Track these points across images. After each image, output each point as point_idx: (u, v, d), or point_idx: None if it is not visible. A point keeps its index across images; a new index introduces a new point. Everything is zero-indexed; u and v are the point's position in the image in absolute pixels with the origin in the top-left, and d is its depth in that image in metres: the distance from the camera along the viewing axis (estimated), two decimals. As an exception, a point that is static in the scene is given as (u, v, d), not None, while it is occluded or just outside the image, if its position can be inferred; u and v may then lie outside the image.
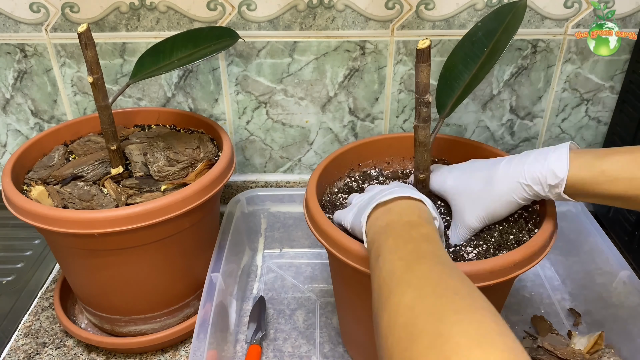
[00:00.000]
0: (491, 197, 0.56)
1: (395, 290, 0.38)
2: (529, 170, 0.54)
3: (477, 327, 0.32)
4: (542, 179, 0.53)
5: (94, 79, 0.65)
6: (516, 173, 0.55)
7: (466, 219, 0.58)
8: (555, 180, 0.52)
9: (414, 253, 0.42)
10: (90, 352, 0.73)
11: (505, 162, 0.57)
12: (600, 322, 0.73)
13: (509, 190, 0.55)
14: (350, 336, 0.70)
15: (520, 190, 0.55)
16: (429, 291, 0.37)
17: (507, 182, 0.55)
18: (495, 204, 0.56)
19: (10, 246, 0.89)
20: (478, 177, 0.58)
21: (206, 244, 0.73)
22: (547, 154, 0.53)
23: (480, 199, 0.57)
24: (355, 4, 0.78)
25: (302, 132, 0.90)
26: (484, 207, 0.57)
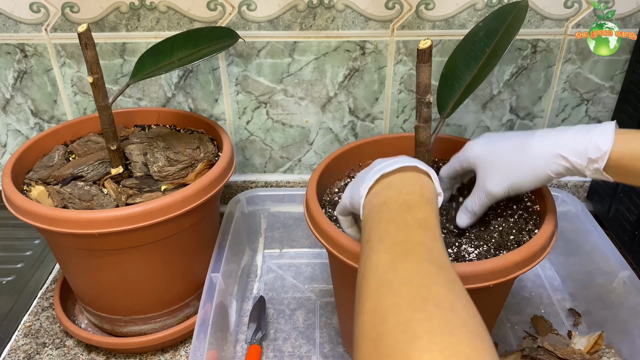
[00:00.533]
0: (521, 166, 0.53)
1: (374, 293, 0.36)
2: (569, 142, 0.51)
3: (448, 355, 0.29)
4: (582, 151, 0.50)
5: (94, 79, 0.65)
6: (554, 144, 0.52)
7: (488, 184, 0.55)
8: (598, 153, 0.49)
9: (403, 245, 0.39)
10: (90, 352, 0.73)
11: (541, 133, 0.54)
12: (600, 322, 0.73)
13: (542, 161, 0.52)
14: (350, 336, 0.70)
15: (556, 162, 0.52)
16: (407, 300, 0.34)
17: (542, 152, 0.52)
18: (524, 174, 0.53)
19: (10, 246, 0.89)
20: (509, 145, 0.55)
21: (206, 244, 0.73)
22: (590, 128, 0.51)
23: (509, 166, 0.54)
24: (355, 4, 0.78)
25: (302, 132, 0.90)
26: (510, 175, 0.54)
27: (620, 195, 0.83)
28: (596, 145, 0.50)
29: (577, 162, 0.51)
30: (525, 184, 0.54)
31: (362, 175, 0.51)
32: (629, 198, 0.80)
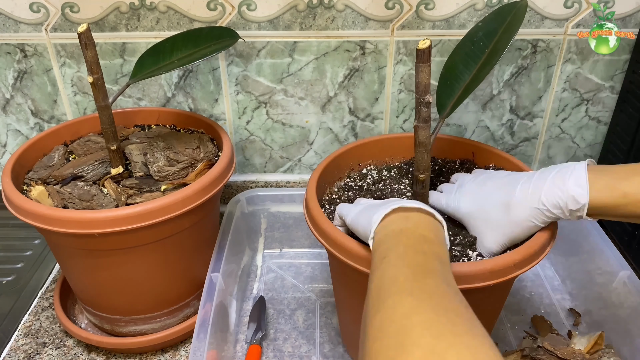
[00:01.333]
0: (510, 224, 0.55)
1: (394, 296, 0.37)
2: (547, 197, 0.52)
3: (473, 354, 0.31)
4: (562, 204, 0.52)
5: (94, 79, 0.65)
6: (534, 200, 0.53)
7: (486, 244, 0.57)
8: (577, 205, 0.51)
9: (422, 266, 0.40)
10: (90, 352, 0.73)
11: (521, 186, 0.55)
12: (600, 322, 0.73)
13: (529, 216, 0.54)
14: (350, 336, 0.70)
15: (540, 215, 0.53)
16: (430, 305, 0.35)
17: (526, 209, 0.54)
18: (515, 229, 0.55)
19: (10, 246, 0.89)
20: (494, 202, 0.57)
21: (206, 244, 0.73)
22: (564, 178, 0.52)
23: (500, 226, 0.56)
24: (355, 4, 0.78)
25: (302, 132, 0.90)
26: (504, 233, 0.56)
27: (620, 195, 0.82)
28: (574, 198, 0.51)
29: (559, 213, 0.53)
30: (521, 236, 0.56)
31: (365, 201, 0.54)
32: (629, 198, 0.80)
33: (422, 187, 0.62)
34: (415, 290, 0.37)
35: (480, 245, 0.58)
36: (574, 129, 0.89)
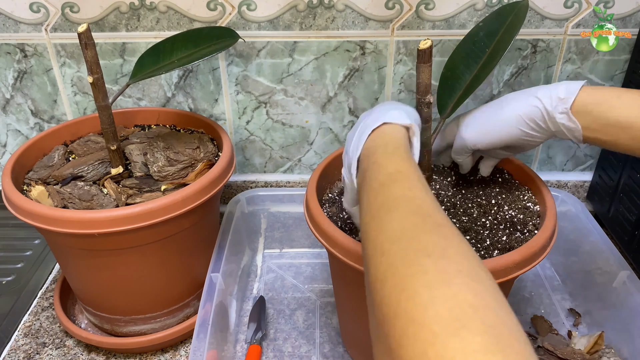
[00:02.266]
0: (497, 114, 0.57)
1: (371, 261, 0.36)
2: (541, 88, 0.56)
3: (451, 307, 0.29)
4: (554, 92, 0.54)
5: (94, 79, 0.65)
6: (528, 91, 0.57)
7: (463, 132, 0.59)
8: (566, 93, 0.53)
9: (385, 205, 0.39)
10: (90, 352, 0.73)
11: (516, 92, 0.58)
12: (600, 322, 0.73)
13: (516, 105, 0.56)
14: (350, 336, 0.70)
15: (529, 103, 0.55)
16: (399, 257, 0.34)
17: (517, 99, 0.56)
18: (498, 121, 0.57)
19: (10, 246, 0.89)
20: (489, 103, 0.60)
21: (206, 244, 0.73)
22: (559, 82, 0.56)
23: (485, 115, 0.58)
24: (355, 4, 0.78)
25: (302, 132, 0.90)
26: (485, 122, 0.58)
27: (620, 195, 0.83)
28: (566, 87, 0.54)
29: (547, 102, 0.54)
30: (500, 132, 0.57)
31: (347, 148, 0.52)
32: (629, 198, 0.80)
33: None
34: (384, 244, 0.36)
35: (458, 135, 0.60)
36: (574, 129, 0.89)
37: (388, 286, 0.32)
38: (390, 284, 0.32)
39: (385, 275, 0.33)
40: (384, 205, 0.39)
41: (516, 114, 0.56)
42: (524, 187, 0.67)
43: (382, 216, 0.38)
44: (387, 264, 0.34)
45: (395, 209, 0.38)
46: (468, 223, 0.60)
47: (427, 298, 0.30)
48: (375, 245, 0.37)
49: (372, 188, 0.42)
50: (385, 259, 0.34)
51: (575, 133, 0.54)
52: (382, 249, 0.35)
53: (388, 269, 0.33)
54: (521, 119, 0.56)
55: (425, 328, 0.28)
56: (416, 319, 0.29)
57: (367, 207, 0.41)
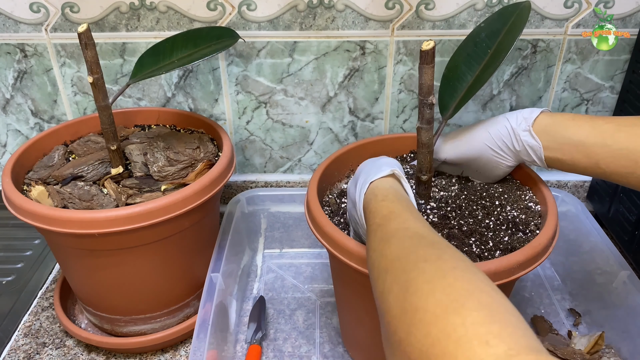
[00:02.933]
0: (468, 130, 0.64)
1: (377, 281, 0.41)
2: (511, 113, 0.62)
3: (449, 293, 0.33)
4: (519, 114, 0.60)
5: (94, 79, 0.65)
6: (500, 115, 0.63)
7: (438, 146, 0.65)
8: (529, 114, 0.59)
9: (384, 239, 0.44)
10: (90, 352, 0.73)
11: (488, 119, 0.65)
12: (600, 322, 0.73)
13: (487, 124, 0.62)
14: (350, 336, 0.70)
15: (497, 124, 0.61)
16: (400, 269, 0.38)
17: (488, 120, 0.63)
18: (468, 136, 0.63)
19: (10, 246, 0.89)
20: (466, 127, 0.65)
21: (206, 244, 0.73)
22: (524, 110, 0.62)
23: (458, 132, 0.65)
24: (355, 4, 0.78)
25: (302, 132, 0.90)
26: (455, 136, 0.64)
27: (620, 195, 0.83)
28: (530, 110, 0.61)
29: (513, 121, 0.60)
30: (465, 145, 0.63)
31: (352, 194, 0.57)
32: (629, 198, 0.80)
33: (425, 187, 0.62)
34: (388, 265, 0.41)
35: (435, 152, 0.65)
36: (574, 129, 0.89)
37: (394, 292, 0.37)
38: (395, 290, 0.37)
39: (391, 286, 0.38)
40: (383, 239, 0.44)
41: (485, 131, 0.62)
42: (524, 187, 0.67)
43: (383, 246, 0.43)
44: (391, 278, 0.38)
45: (393, 237, 0.43)
46: (473, 225, 0.60)
47: (428, 289, 0.34)
48: (379, 269, 0.41)
49: (372, 230, 0.47)
50: (389, 275, 0.39)
51: (537, 152, 0.59)
52: (385, 268, 0.40)
53: (393, 281, 0.38)
54: (489, 135, 0.61)
55: (428, 313, 0.32)
56: (420, 307, 0.33)
57: (369, 244, 0.46)
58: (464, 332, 0.29)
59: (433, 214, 0.62)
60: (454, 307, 0.31)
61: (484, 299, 0.32)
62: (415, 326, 0.32)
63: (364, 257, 0.52)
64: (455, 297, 0.32)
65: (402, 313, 0.34)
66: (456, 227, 0.60)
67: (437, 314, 0.31)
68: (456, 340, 0.29)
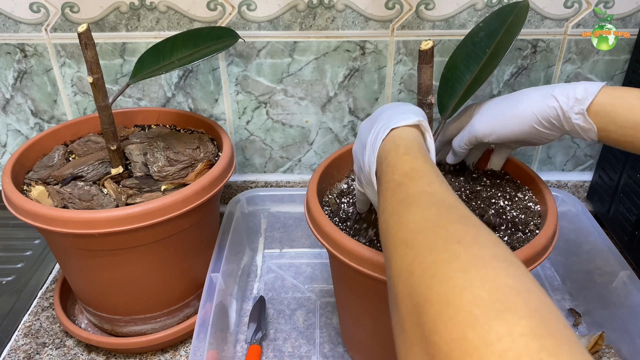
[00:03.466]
0: (511, 109, 0.57)
1: (394, 255, 0.34)
2: (558, 86, 0.55)
3: (491, 290, 0.27)
4: (571, 92, 0.53)
5: (94, 79, 0.65)
6: (545, 88, 0.56)
7: (475, 123, 0.58)
8: (584, 94, 0.53)
9: (403, 202, 0.38)
10: (90, 352, 0.73)
11: (534, 88, 0.58)
12: (600, 322, 0.73)
13: (531, 100, 0.55)
14: (350, 336, 0.70)
15: (544, 102, 0.54)
16: (426, 246, 0.32)
17: (533, 93, 0.56)
18: (512, 116, 0.56)
19: (10, 246, 0.89)
20: (505, 97, 0.59)
21: (206, 244, 0.73)
22: (578, 82, 0.55)
23: (499, 108, 0.58)
24: (355, 4, 0.78)
25: (302, 132, 0.90)
26: (499, 115, 0.57)
27: (620, 195, 0.83)
28: (584, 87, 0.53)
29: (564, 101, 0.54)
30: (512, 128, 0.57)
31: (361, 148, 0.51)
32: (629, 198, 0.80)
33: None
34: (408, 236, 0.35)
35: (468, 127, 0.60)
36: (574, 129, 0.89)
37: (416, 274, 0.31)
38: (418, 271, 0.31)
39: (412, 265, 0.32)
40: (403, 201, 0.38)
41: (531, 112, 0.56)
42: (524, 187, 0.67)
43: (402, 211, 0.37)
44: (412, 254, 0.32)
45: (415, 202, 0.37)
46: None
47: (463, 281, 0.28)
48: (396, 239, 0.35)
49: (389, 188, 0.41)
50: (410, 250, 0.33)
51: (590, 134, 0.54)
52: (405, 241, 0.34)
53: (415, 259, 0.32)
54: (536, 117, 0.56)
55: (462, 311, 0.26)
56: (451, 302, 0.27)
57: (384, 206, 0.40)
58: (510, 344, 0.24)
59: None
60: (498, 309, 0.26)
61: (532, 302, 0.26)
62: (443, 324, 0.26)
63: (364, 257, 0.52)
64: (499, 296, 0.26)
65: (426, 303, 0.28)
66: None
67: (475, 314, 0.26)
68: (500, 355, 0.24)
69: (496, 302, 0.26)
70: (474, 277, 0.28)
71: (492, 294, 0.27)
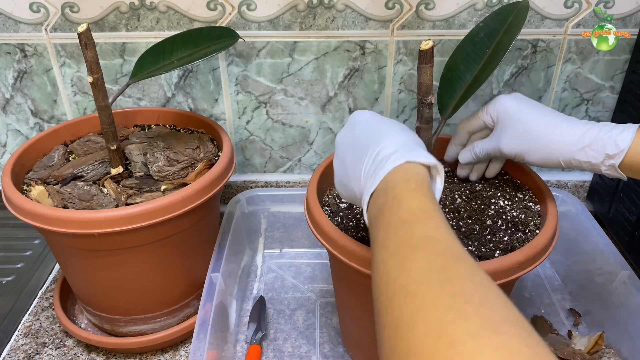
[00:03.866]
0: (539, 141, 0.56)
1: (391, 303, 0.32)
2: (591, 135, 0.54)
3: (504, 357, 0.25)
4: (601, 146, 0.53)
5: (94, 79, 0.65)
6: (577, 133, 0.54)
7: (503, 141, 0.58)
8: (615, 150, 0.52)
9: (407, 244, 0.35)
10: (90, 352, 0.73)
11: (569, 120, 0.56)
12: (600, 322, 0.73)
13: (561, 144, 0.55)
14: (350, 336, 0.70)
15: (572, 151, 0.54)
16: (431, 301, 0.30)
17: (564, 137, 0.55)
18: (538, 148, 0.56)
19: (10, 246, 0.89)
20: (537, 116, 0.57)
21: (206, 244, 0.73)
22: (614, 126, 0.54)
23: (529, 136, 0.57)
24: (355, 4, 0.78)
25: (302, 132, 0.90)
26: (526, 143, 0.57)
27: (620, 195, 0.83)
28: (615, 142, 0.52)
29: (593, 156, 0.54)
30: (534, 158, 0.57)
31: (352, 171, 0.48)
32: (629, 198, 0.80)
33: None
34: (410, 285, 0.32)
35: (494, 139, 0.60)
36: (574, 129, 0.89)
37: (419, 332, 0.28)
38: (421, 329, 0.28)
39: (413, 320, 0.29)
40: (407, 244, 0.35)
41: (562, 156, 0.56)
42: (524, 187, 0.67)
43: (406, 255, 0.34)
44: (414, 307, 0.30)
45: (421, 248, 0.34)
46: (472, 225, 0.60)
47: (473, 346, 0.26)
48: (396, 286, 0.33)
49: (392, 224, 0.38)
50: (412, 301, 0.31)
51: (622, 179, 0.55)
52: (407, 290, 0.32)
53: (417, 313, 0.30)
54: (557, 160, 0.56)
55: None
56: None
57: (384, 243, 0.37)
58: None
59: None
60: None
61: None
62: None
63: (364, 257, 0.52)
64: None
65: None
66: (455, 227, 0.60)
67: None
68: None
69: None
70: (485, 342, 0.26)
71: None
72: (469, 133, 0.65)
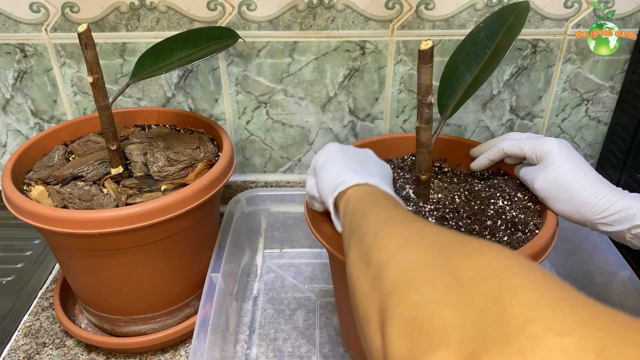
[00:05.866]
0: (574, 203, 0.56)
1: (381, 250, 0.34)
2: (620, 205, 0.54)
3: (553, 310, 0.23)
4: (631, 216, 0.53)
5: (94, 79, 0.65)
6: (611, 202, 0.54)
7: (540, 177, 0.59)
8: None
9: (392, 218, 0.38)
10: (90, 352, 0.73)
11: (608, 188, 0.56)
12: (600, 322, 0.72)
13: (593, 213, 0.55)
14: (350, 336, 0.70)
15: (603, 219, 0.55)
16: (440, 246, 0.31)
17: (597, 205, 0.55)
18: (569, 204, 0.57)
19: (10, 246, 0.89)
20: (583, 177, 0.57)
21: (206, 244, 0.73)
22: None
23: (562, 184, 0.57)
24: (355, 4, 0.78)
25: (302, 132, 0.90)
26: (556, 192, 0.58)
27: (620, 195, 0.82)
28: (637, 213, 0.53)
29: (620, 225, 0.54)
30: (562, 206, 0.58)
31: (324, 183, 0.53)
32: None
33: (424, 187, 0.62)
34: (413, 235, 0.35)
35: (530, 173, 0.61)
36: (574, 129, 0.89)
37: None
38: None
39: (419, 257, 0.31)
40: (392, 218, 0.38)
41: (587, 220, 0.56)
42: (524, 187, 0.67)
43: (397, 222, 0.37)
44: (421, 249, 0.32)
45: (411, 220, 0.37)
46: (472, 225, 0.60)
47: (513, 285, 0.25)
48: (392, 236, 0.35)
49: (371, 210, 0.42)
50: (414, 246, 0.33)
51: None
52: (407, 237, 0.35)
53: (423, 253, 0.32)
54: (590, 224, 0.57)
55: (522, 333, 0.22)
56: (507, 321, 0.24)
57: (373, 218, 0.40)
58: None
59: (431, 215, 0.62)
60: (562, 330, 0.22)
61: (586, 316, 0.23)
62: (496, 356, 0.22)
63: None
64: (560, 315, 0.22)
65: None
66: (455, 228, 0.60)
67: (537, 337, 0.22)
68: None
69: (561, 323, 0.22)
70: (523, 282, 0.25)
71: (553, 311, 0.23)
72: (506, 155, 0.65)
